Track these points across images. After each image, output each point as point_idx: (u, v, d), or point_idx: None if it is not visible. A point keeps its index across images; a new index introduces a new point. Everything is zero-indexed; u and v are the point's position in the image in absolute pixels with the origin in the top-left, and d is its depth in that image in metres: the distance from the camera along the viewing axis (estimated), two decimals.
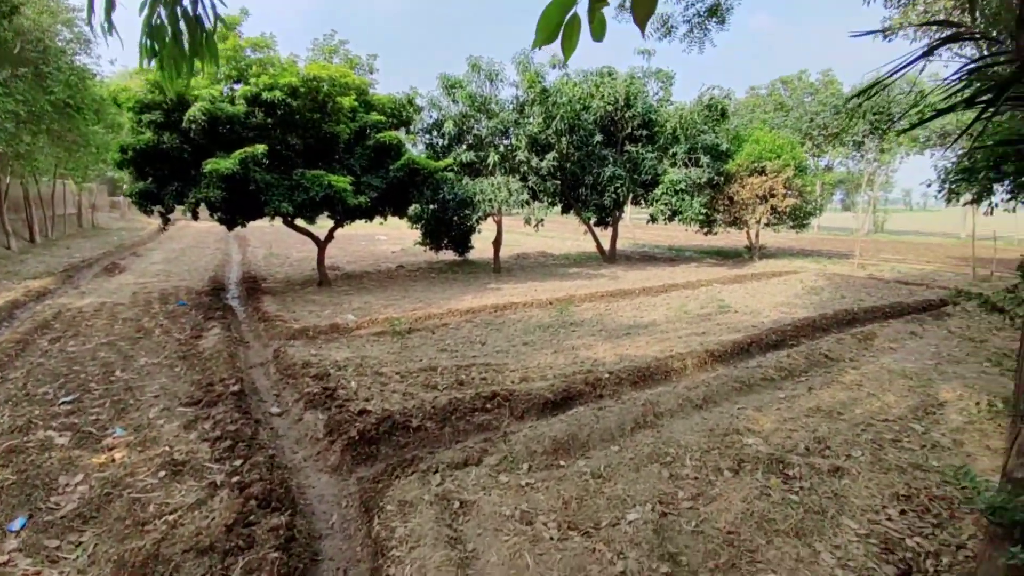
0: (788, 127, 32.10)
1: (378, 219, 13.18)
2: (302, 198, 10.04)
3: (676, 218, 16.53)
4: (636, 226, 46.37)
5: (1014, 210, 10.51)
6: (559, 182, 13.68)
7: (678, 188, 15.11)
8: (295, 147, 10.58)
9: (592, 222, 18.89)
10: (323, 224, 12.91)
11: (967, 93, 1.47)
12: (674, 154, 15.94)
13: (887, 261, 18.98)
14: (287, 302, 10.36)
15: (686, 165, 15.79)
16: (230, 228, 11.68)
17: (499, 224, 14.92)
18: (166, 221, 11.60)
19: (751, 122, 27.49)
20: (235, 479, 3.64)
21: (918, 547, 2.87)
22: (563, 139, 14.51)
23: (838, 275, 14.61)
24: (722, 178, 16.35)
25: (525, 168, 13.33)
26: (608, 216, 18.05)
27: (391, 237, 27.13)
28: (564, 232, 34.68)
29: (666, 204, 15.48)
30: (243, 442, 4.11)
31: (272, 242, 22.53)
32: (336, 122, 10.80)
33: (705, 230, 19.22)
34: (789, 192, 16.19)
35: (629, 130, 16.57)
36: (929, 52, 1.57)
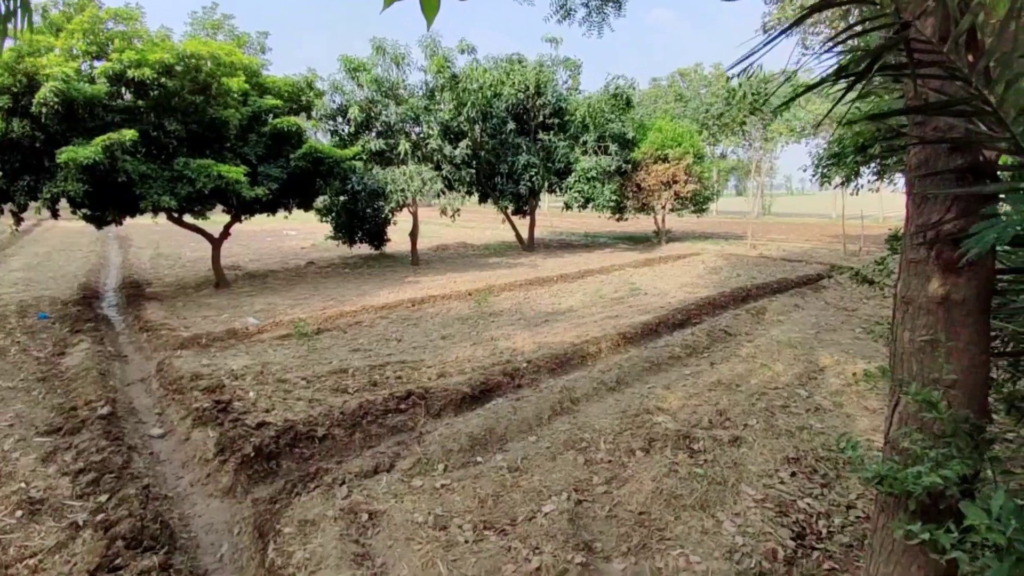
0: (687, 117, 34.24)
1: (283, 213, 12.24)
2: (187, 191, 9.00)
3: (589, 205, 17.03)
4: (553, 214, 47.42)
5: (878, 190, 12.05)
6: (474, 171, 13.50)
7: (589, 176, 15.54)
8: (175, 133, 9.42)
9: (510, 211, 18.97)
10: (220, 220, 11.73)
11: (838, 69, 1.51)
12: (584, 142, 16.34)
13: (774, 241, 20.94)
14: (177, 308, 9.30)
15: (596, 153, 16.27)
16: (99, 226, 10.24)
17: (415, 215, 14.47)
18: (18, 221, 9.94)
19: (654, 112, 28.98)
20: (100, 517, 3.13)
21: (809, 508, 3.11)
22: (476, 127, 14.32)
23: (734, 255, 15.86)
24: (629, 166, 17.04)
25: (438, 156, 12.98)
26: (525, 205, 18.18)
27: (301, 232, 25.47)
28: (484, 222, 34.57)
29: (579, 192, 15.87)
30: (111, 473, 3.56)
31: (160, 241, 20.23)
32: (224, 106, 9.76)
33: (617, 216, 20.03)
34: (690, 179, 17.25)
35: (541, 119, 16.73)
36: (800, 20, 1.59)
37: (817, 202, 66.00)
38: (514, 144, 15.39)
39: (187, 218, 10.74)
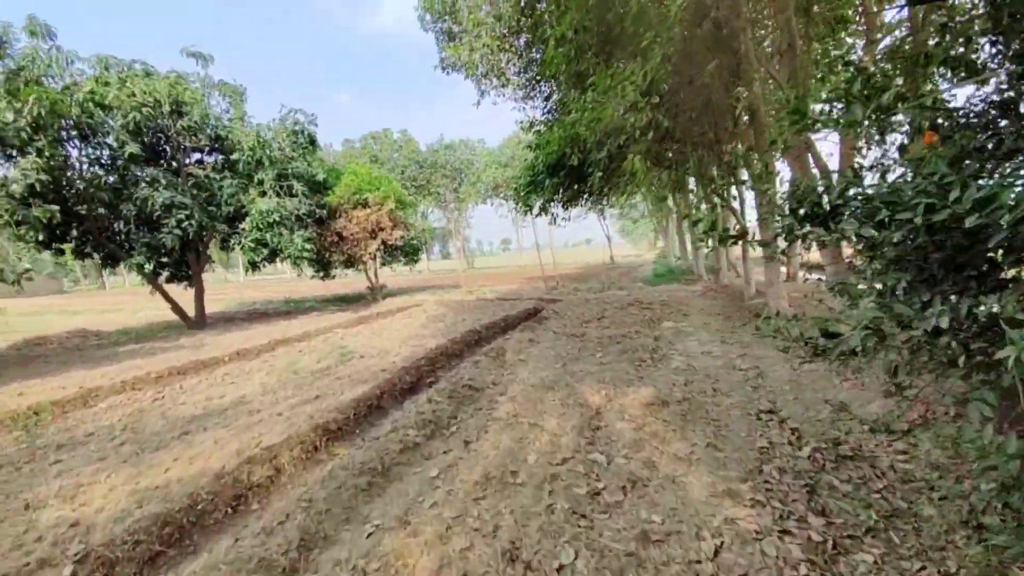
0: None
1: None
2: None
3: (279, 258, 13.52)
4: (249, 285, 40.17)
5: (569, 218, 13.00)
6: (57, 207, 8.27)
7: (271, 220, 12.16)
8: None
9: (163, 277, 13.65)
10: None
11: None
12: (261, 181, 12.95)
13: (485, 286, 21.54)
14: None
15: (278, 195, 13.06)
16: None
17: None
18: None
19: None
20: None
21: None
22: (72, 148, 9.35)
23: (454, 301, 14.92)
24: (324, 211, 14.45)
25: None
26: (183, 266, 13.31)
27: None
28: (157, 300, 25.60)
29: (258, 240, 12.23)
30: None
31: None
32: None
33: (322, 274, 16.95)
34: (396, 225, 15.79)
35: (197, 154, 12.68)
36: None
37: (506, 259, 78.81)
38: (150, 177, 10.76)
39: None
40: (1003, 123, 2.28)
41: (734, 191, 12.58)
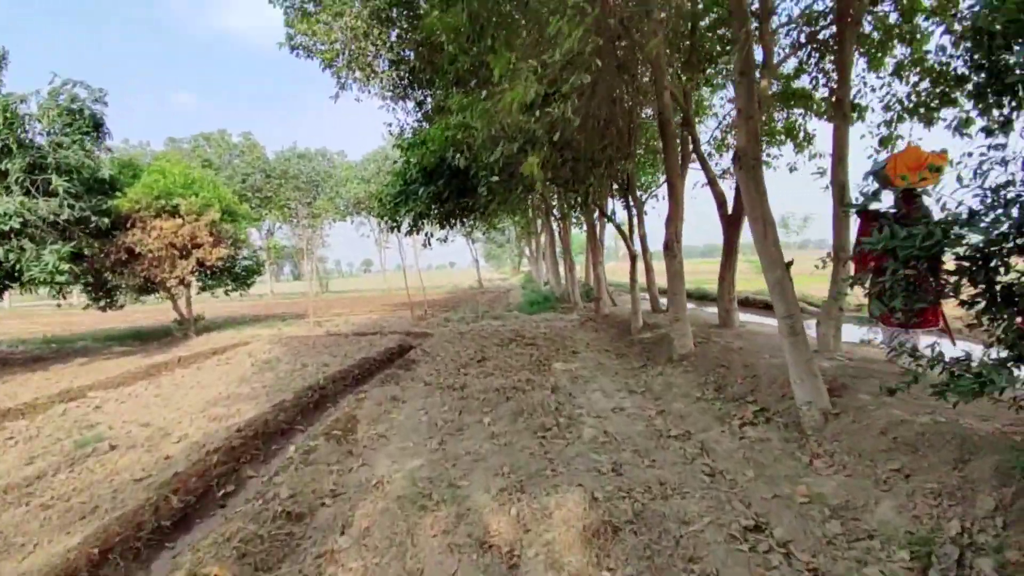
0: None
1: None
2: None
3: (20, 282, 9.36)
4: (16, 314, 30.91)
5: (445, 239, 11.19)
6: None
7: (3, 228, 8.21)
8: None
9: None
10: None
11: None
12: (4, 173, 8.91)
13: (340, 315, 18.55)
14: None
15: (28, 193, 9.08)
16: None
17: None
18: None
19: None
20: None
21: None
22: None
23: (295, 338, 11.97)
24: (108, 220, 10.58)
25: None
26: None
27: None
28: None
29: None
30: None
31: None
32: None
33: (102, 303, 12.59)
34: (220, 241, 12.37)
35: None
36: None
37: (367, 281, 73.67)
38: None
39: None
40: None
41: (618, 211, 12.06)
